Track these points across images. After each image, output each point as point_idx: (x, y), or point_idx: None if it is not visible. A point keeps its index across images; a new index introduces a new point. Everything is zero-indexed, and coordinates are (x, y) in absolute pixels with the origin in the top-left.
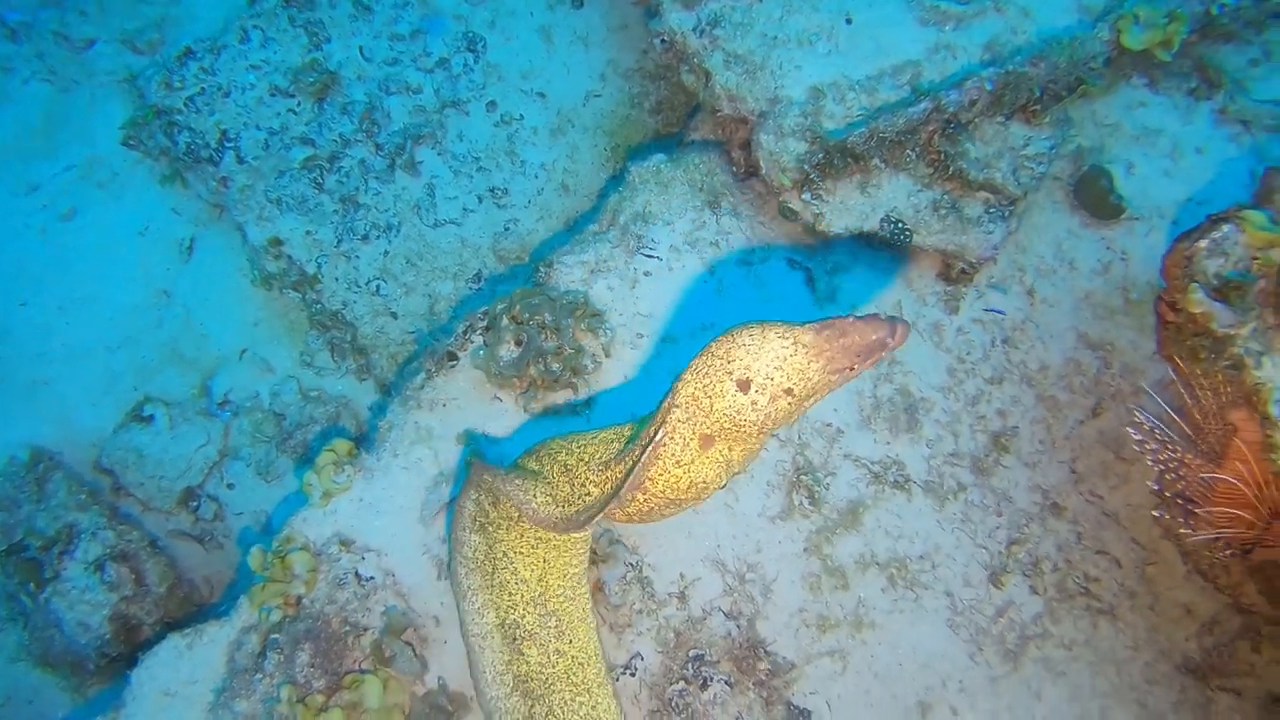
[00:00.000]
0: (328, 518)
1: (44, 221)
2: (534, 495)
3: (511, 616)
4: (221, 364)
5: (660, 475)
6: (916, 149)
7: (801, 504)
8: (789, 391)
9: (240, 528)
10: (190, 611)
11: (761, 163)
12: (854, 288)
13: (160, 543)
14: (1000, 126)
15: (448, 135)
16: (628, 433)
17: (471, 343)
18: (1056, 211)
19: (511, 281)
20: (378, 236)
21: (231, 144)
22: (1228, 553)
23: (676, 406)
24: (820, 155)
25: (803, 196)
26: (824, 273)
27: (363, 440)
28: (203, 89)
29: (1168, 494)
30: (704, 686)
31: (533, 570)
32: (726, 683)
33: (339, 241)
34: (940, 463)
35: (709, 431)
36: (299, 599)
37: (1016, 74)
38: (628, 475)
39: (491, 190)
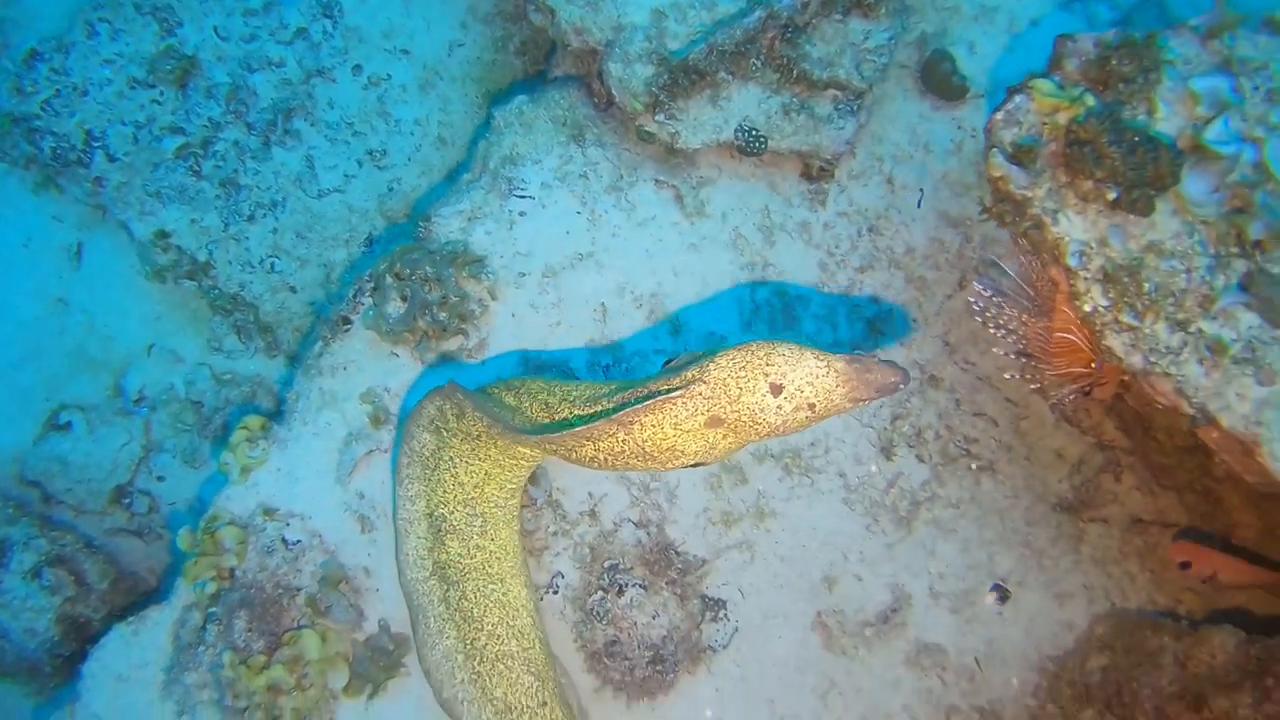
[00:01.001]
0: (249, 491)
1: None
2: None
3: (441, 510)
4: (131, 362)
5: (652, 425)
6: (760, 57)
7: None
8: (812, 406)
9: (176, 519)
10: (139, 599)
11: (613, 91)
12: (721, 199)
13: (98, 542)
14: (839, 24)
15: (318, 105)
16: (616, 384)
17: (362, 305)
18: (907, 99)
19: (402, 240)
20: (264, 215)
21: (99, 143)
22: (1071, 397)
23: (703, 383)
24: (666, 77)
25: (657, 118)
26: (690, 189)
27: (277, 413)
28: (57, 90)
29: (1011, 355)
30: (620, 593)
31: (472, 477)
32: (641, 586)
33: (226, 225)
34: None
35: (722, 416)
36: (231, 571)
37: None
38: (618, 409)
39: (370, 153)
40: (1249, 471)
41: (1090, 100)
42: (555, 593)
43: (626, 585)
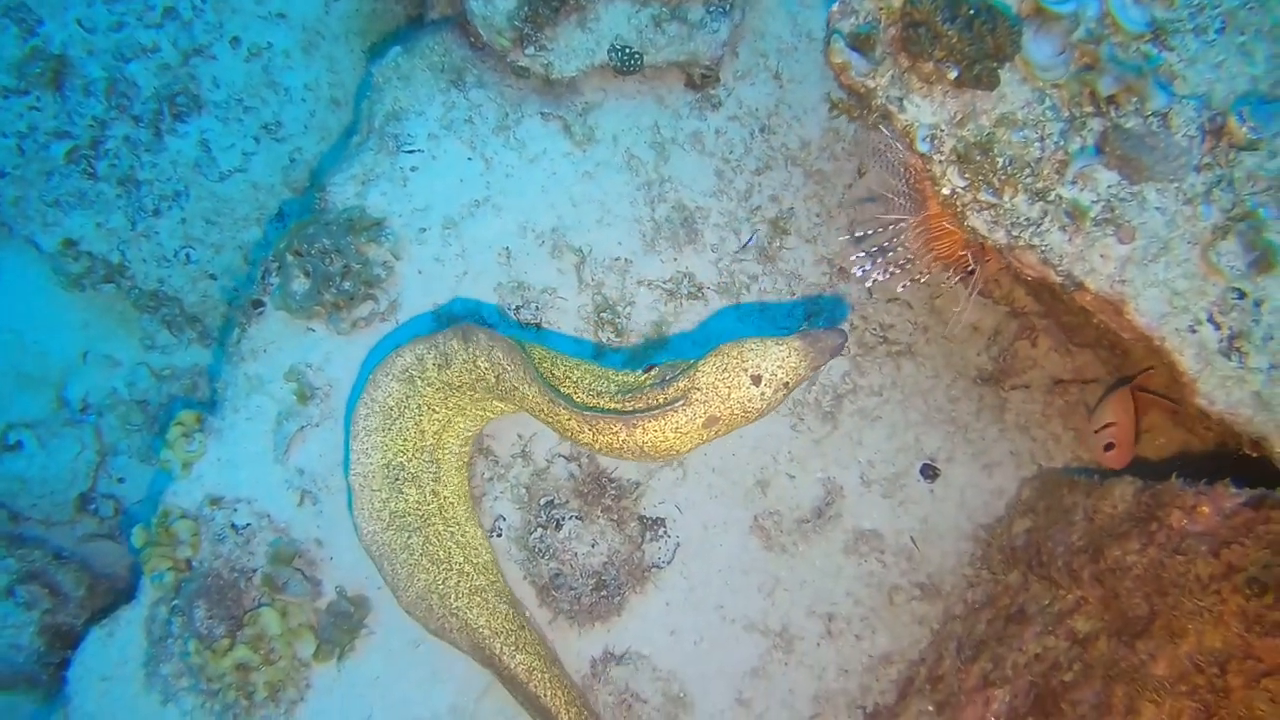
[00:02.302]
0: (194, 484)
1: None
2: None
3: (398, 460)
4: (68, 372)
5: (655, 429)
6: None
7: (610, 339)
8: (785, 384)
9: (143, 514)
10: (121, 598)
11: (479, 30)
12: (609, 122)
13: (71, 551)
14: None
15: (202, 85)
16: (613, 375)
17: (270, 285)
18: None
19: (309, 211)
20: (169, 207)
21: None
22: (957, 279)
23: (698, 389)
24: (527, 8)
25: (527, 52)
26: (576, 116)
27: (210, 403)
28: None
29: (896, 269)
30: (558, 527)
31: (434, 425)
32: (577, 518)
33: (133, 223)
34: (728, 263)
35: (718, 414)
36: (188, 562)
37: None
38: (623, 413)
39: (265, 127)
40: (1123, 329)
41: None
42: (499, 535)
43: (563, 519)
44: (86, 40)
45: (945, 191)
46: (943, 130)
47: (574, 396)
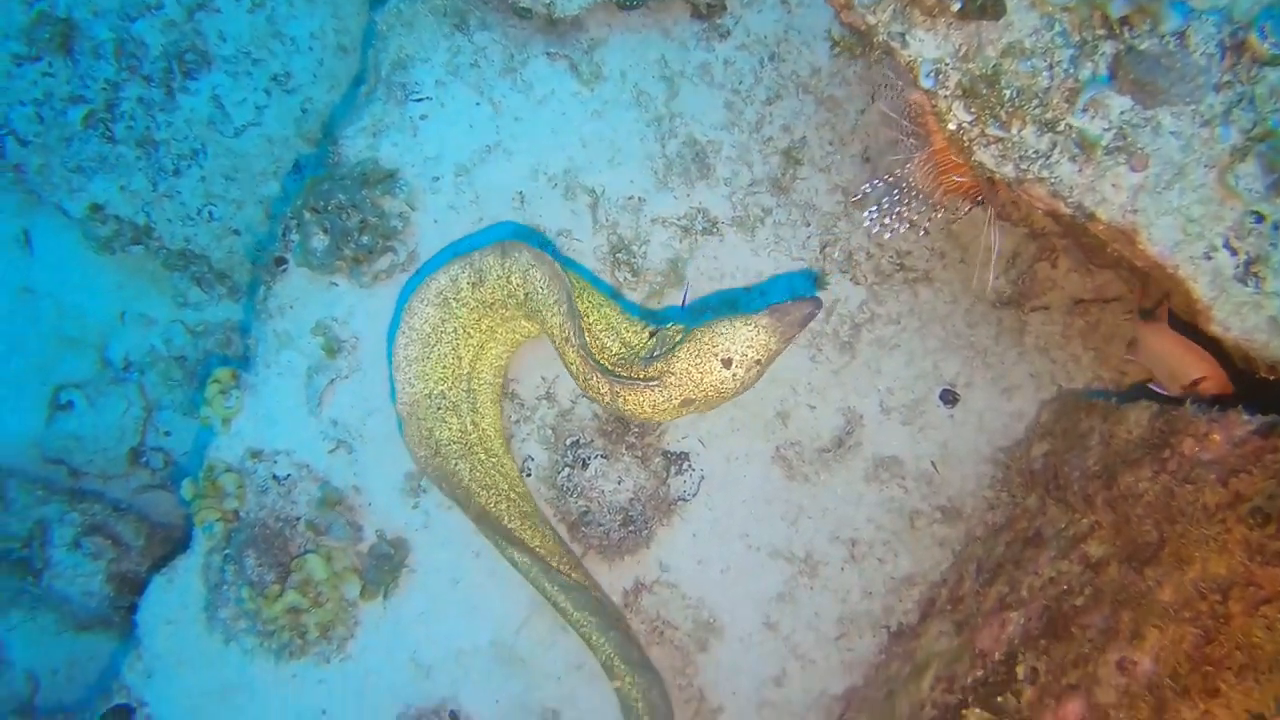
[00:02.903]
0: (234, 439)
1: None
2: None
3: (439, 389)
4: (108, 333)
5: (634, 402)
6: None
7: (626, 279)
8: (758, 362)
9: (192, 465)
10: (177, 546)
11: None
12: (616, 58)
13: (128, 503)
14: None
15: (209, 41)
16: (624, 327)
17: (291, 243)
18: None
19: (324, 133)
20: (188, 165)
21: (5, 129)
22: (969, 208)
23: (672, 374)
24: None
25: None
26: (583, 54)
27: (244, 360)
28: None
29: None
30: (584, 466)
31: (469, 352)
32: (602, 456)
33: (154, 184)
34: (742, 196)
35: (692, 397)
36: (236, 513)
37: None
38: (618, 380)
39: (274, 79)
40: (1136, 258)
41: None
42: (529, 475)
43: (589, 458)
44: (91, 1)
45: (951, 127)
46: (947, 64)
47: (588, 334)
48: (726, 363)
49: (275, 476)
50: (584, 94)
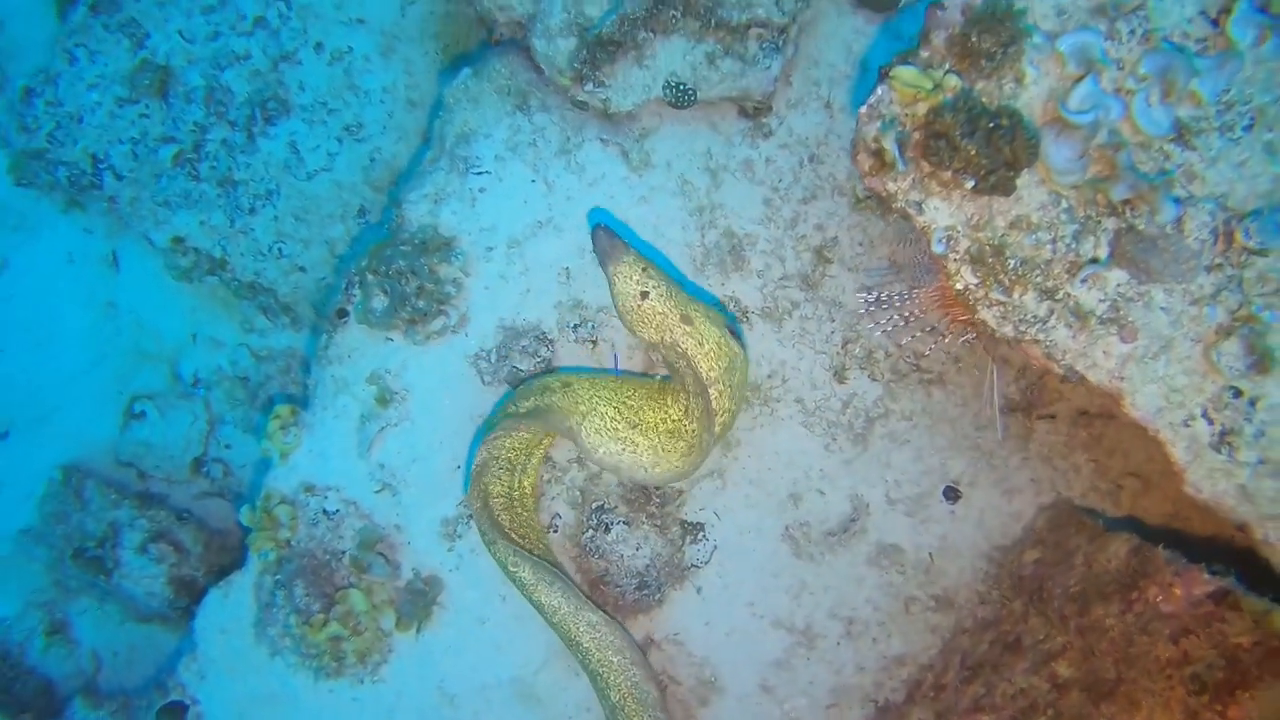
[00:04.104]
0: (291, 472)
1: None
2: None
3: (508, 455)
4: (180, 351)
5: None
6: (678, 7)
7: (657, 359)
8: (644, 295)
9: (248, 477)
10: (230, 553)
11: (541, 66)
12: (665, 148)
13: (189, 510)
14: None
15: (290, 90)
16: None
17: (353, 297)
18: (841, 15)
19: (388, 210)
20: (263, 205)
21: (104, 164)
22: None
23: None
24: (585, 52)
25: (586, 88)
26: (634, 142)
27: (303, 399)
28: (57, 122)
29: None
30: (607, 530)
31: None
32: (624, 523)
33: (231, 221)
34: (772, 289)
35: (680, 313)
36: (287, 541)
37: None
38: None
39: (347, 128)
40: (1120, 416)
41: (953, 82)
42: (555, 531)
43: (612, 524)
44: (187, 50)
45: (959, 286)
46: (959, 232)
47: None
48: (644, 295)
49: (325, 511)
50: (632, 179)
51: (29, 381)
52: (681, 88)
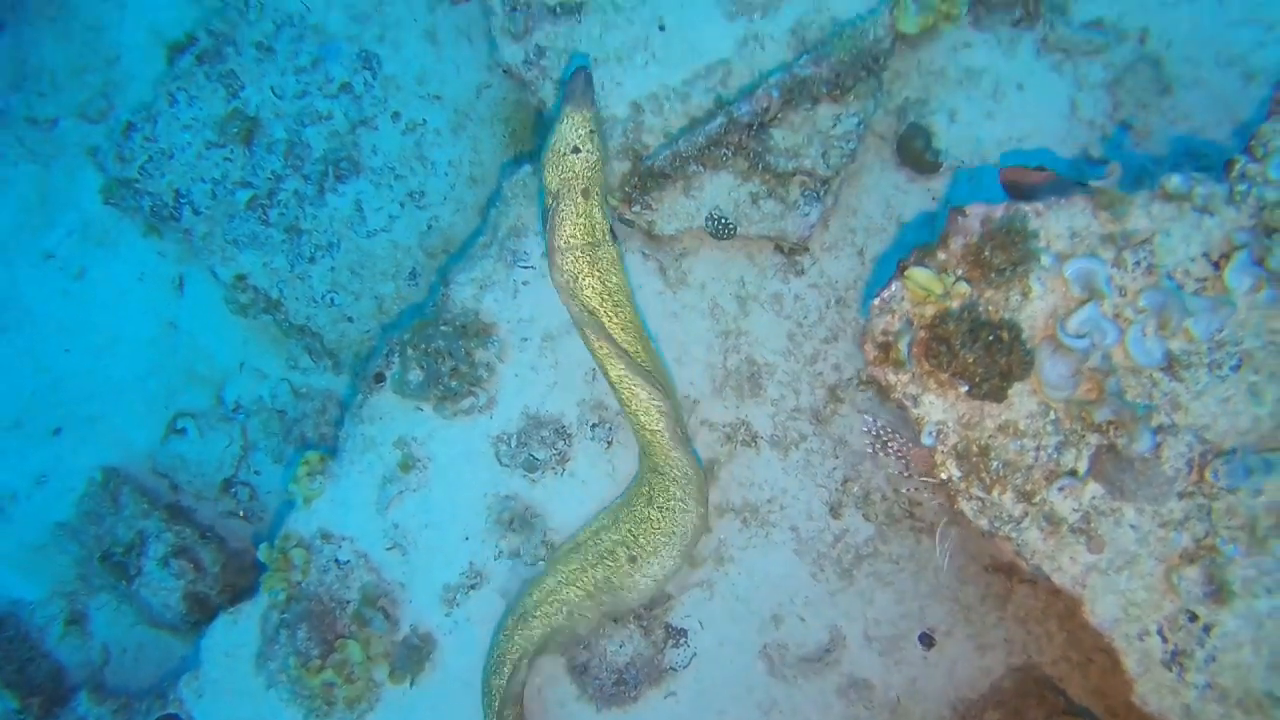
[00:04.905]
0: (311, 517)
1: (63, 283)
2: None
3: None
4: (228, 377)
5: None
6: (729, 147)
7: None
8: (593, 132)
9: (271, 503)
10: (245, 574)
11: None
12: (701, 270)
13: (212, 527)
14: (808, 111)
15: (363, 152)
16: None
17: (392, 364)
18: (884, 169)
19: (439, 273)
20: (322, 256)
21: (185, 200)
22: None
23: (548, 188)
24: (637, 179)
25: (633, 209)
26: (673, 260)
27: (332, 450)
28: (150, 156)
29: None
30: None
31: None
32: (612, 620)
33: (292, 266)
34: (784, 419)
35: (585, 186)
36: (298, 584)
37: (800, 78)
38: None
39: (410, 194)
40: (1079, 615)
41: (963, 289)
42: None
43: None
44: (276, 105)
45: (943, 476)
46: (949, 428)
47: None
48: (575, 150)
49: (337, 560)
50: (667, 295)
51: (87, 383)
52: (723, 221)
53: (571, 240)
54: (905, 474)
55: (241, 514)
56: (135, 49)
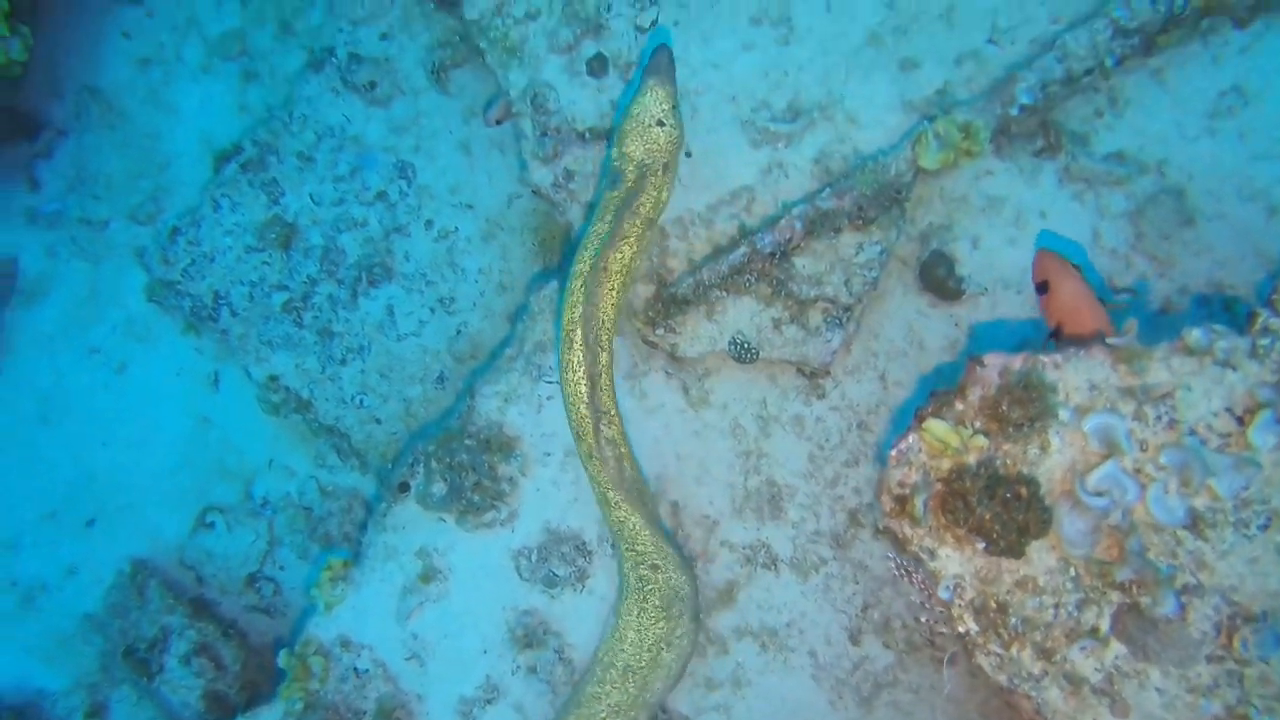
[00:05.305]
0: (332, 623)
1: (105, 377)
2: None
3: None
4: (256, 472)
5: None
6: (753, 274)
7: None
8: (674, 107)
9: (294, 599)
10: (265, 672)
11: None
12: (724, 390)
13: (235, 621)
14: (831, 239)
15: (396, 259)
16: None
17: (416, 474)
18: (906, 294)
19: (466, 378)
20: (353, 358)
21: (224, 301)
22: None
23: (628, 155)
24: (660, 305)
25: (656, 332)
26: (695, 380)
27: (355, 556)
28: (193, 260)
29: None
30: None
31: None
32: None
33: (323, 368)
34: (804, 541)
35: (666, 161)
36: (316, 692)
37: (822, 211)
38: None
39: (440, 300)
40: None
41: (980, 442)
42: None
43: None
44: (314, 212)
45: (960, 629)
46: (966, 582)
47: None
48: (660, 123)
49: (356, 669)
50: (689, 414)
51: (122, 475)
52: (745, 346)
53: (650, 216)
54: (926, 604)
55: (265, 608)
56: (186, 155)
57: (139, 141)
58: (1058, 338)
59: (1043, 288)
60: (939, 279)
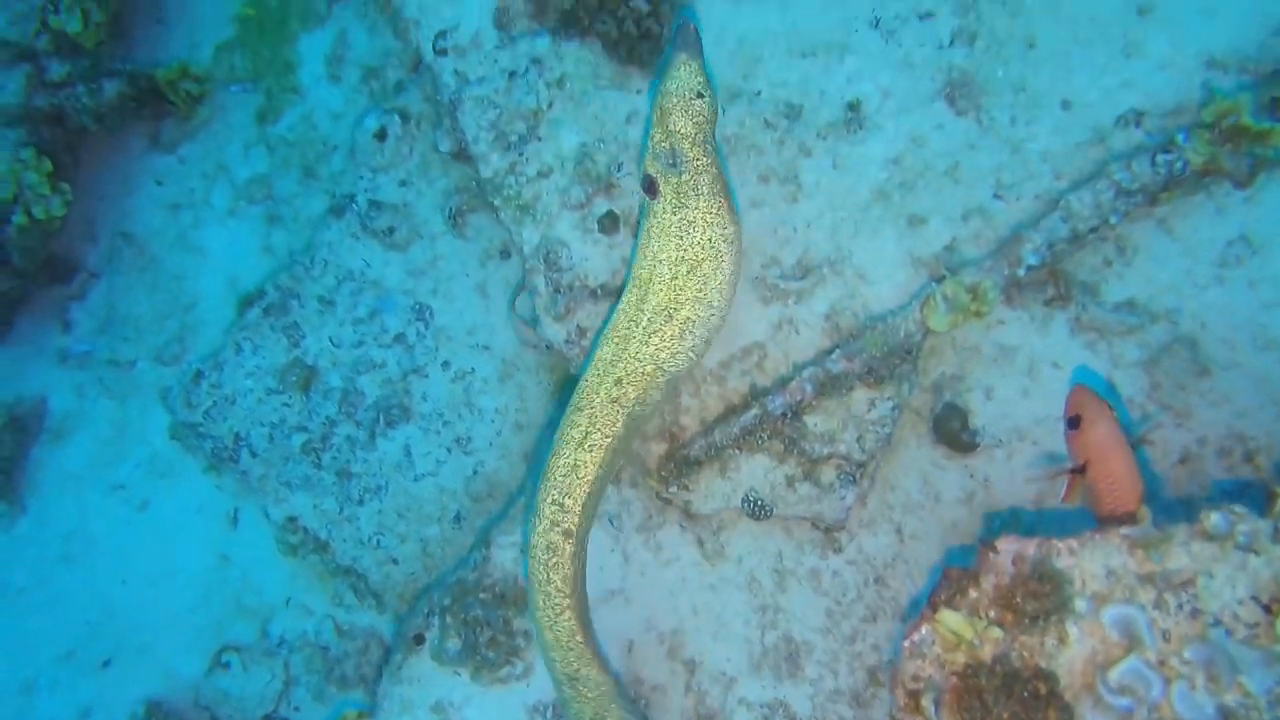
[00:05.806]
0: None
1: (128, 514)
2: None
3: None
4: (274, 611)
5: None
6: (766, 432)
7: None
8: (700, 95)
9: None
10: None
11: (632, 464)
12: (739, 543)
13: None
14: (843, 396)
15: (414, 400)
16: None
17: (432, 626)
18: (921, 445)
19: (483, 517)
20: (370, 498)
21: (244, 443)
22: None
23: (675, 130)
24: (672, 463)
25: (670, 490)
26: (711, 534)
27: (371, 705)
28: (215, 402)
29: None
30: None
31: None
32: None
33: (341, 509)
34: (823, 700)
35: (711, 131)
36: None
37: (832, 375)
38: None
39: (457, 440)
40: None
41: (995, 634)
42: None
43: None
44: (333, 354)
45: None
46: None
47: None
48: (699, 95)
49: None
50: (704, 567)
51: (139, 613)
52: (759, 504)
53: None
54: None
55: None
56: (211, 296)
57: (167, 283)
58: (1081, 474)
59: (1074, 422)
60: (952, 432)
